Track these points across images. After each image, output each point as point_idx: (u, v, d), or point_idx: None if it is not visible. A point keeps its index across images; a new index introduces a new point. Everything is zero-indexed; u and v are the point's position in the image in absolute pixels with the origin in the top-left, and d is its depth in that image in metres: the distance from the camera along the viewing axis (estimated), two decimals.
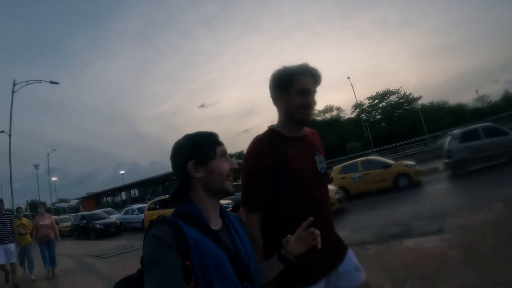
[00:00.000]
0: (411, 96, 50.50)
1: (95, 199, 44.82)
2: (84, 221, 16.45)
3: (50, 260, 6.63)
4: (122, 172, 54.55)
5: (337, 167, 11.85)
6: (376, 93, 51.15)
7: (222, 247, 0.86)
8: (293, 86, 1.26)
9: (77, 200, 47.56)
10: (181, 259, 0.77)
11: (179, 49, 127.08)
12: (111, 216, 17.37)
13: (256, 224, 1.23)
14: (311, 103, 1.27)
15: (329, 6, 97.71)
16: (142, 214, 14.70)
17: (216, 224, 0.93)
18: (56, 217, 19.34)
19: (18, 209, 7.48)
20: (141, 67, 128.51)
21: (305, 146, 1.34)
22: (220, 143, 0.97)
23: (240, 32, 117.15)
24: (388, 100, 51.26)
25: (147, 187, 44.10)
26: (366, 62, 77.35)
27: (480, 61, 61.08)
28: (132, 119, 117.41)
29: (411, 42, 74.76)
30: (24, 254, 6.48)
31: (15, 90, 19.26)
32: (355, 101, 44.80)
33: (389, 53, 77.94)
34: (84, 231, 16.13)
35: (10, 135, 18.43)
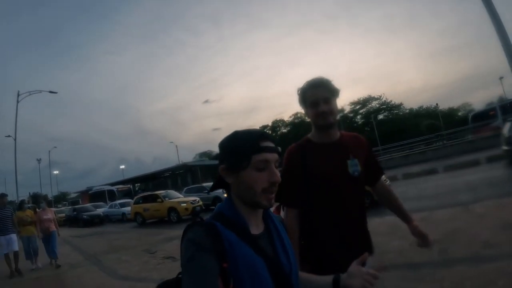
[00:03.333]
0: (392, 103, 53.24)
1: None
2: (75, 213, 20.20)
3: (52, 251, 6.98)
4: (123, 167, 57.24)
5: None
6: (358, 99, 53.50)
7: (261, 254, 0.79)
8: (307, 101, 1.43)
9: (76, 194, 51.22)
10: (218, 263, 0.73)
11: (184, 44, 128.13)
12: (97, 209, 20.82)
13: (291, 218, 1.40)
14: (322, 111, 1.39)
15: (335, 4, 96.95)
16: (123, 208, 18.12)
17: (256, 228, 0.86)
18: (53, 209, 22.75)
19: (22, 201, 7.90)
20: (146, 61, 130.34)
21: (336, 150, 1.44)
22: (261, 150, 0.81)
23: (245, 28, 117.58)
24: (370, 106, 53.98)
25: (139, 183, 47.42)
26: (371, 61, 77.60)
27: (487, 62, 60.10)
28: (136, 113, 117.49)
29: (417, 42, 73.69)
30: (28, 245, 6.76)
31: (19, 100, 22.58)
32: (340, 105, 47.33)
33: (394, 53, 77.19)
34: (75, 220, 19.79)
35: (15, 139, 21.89)
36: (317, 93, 1.40)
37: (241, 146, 0.82)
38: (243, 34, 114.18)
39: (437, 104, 46.49)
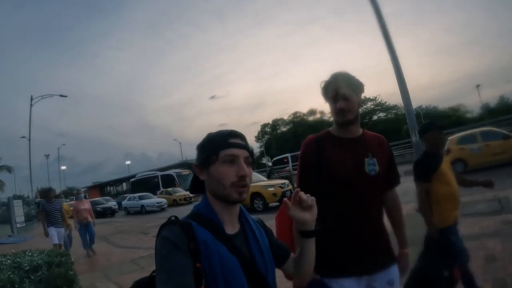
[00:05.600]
0: (387, 104, 54.49)
1: (99, 188, 51.22)
2: None
3: (90, 239, 7.27)
4: (128, 162, 60.21)
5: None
6: None
7: (236, 254, 0.81)
8: (328, 96, 1.42)
9: (84, 188, 54.30)
10: (192, 261, 0.74)
11: (189, 40, 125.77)
12: (108, 202, 23.44)
13: None
14: (340, 108, 1.36)
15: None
16: (142, 201, 20.27)
17: (232, 228, 0.87)
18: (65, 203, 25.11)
19: (59, 195, 8.14)
20: (151, 57, 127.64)
21: (355, 147, 1.40)
22: (229, 145, 0.84)
23: (251, 24, 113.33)
24: (365, 107, 55.27)
25: None
26: (378, 58, 75.05)
27: (496, 60, 58.55)
28: (141, 109, 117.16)
29: (424, 39, 71.63)
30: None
31: (32, 103, 24.84)
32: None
33: (402, 49, 74.10)
34: None
35: (29, 140, 24.44)
36: (337, 89, 1.37)
37: (211, 143, 0.86)
38: (249, 30, 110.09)
39: (398, 108, 45.27)
